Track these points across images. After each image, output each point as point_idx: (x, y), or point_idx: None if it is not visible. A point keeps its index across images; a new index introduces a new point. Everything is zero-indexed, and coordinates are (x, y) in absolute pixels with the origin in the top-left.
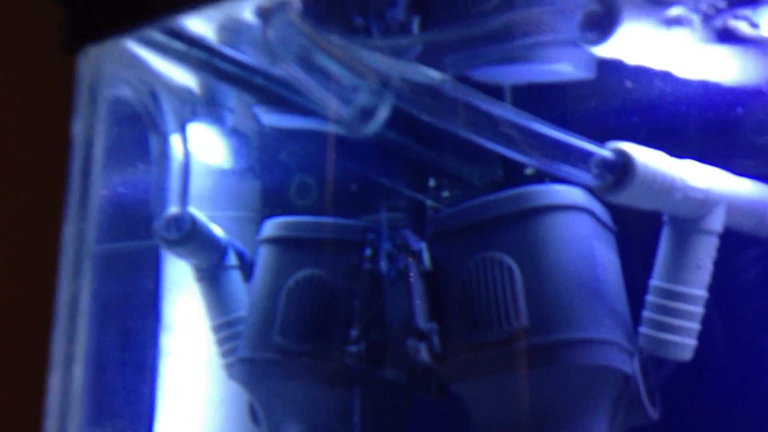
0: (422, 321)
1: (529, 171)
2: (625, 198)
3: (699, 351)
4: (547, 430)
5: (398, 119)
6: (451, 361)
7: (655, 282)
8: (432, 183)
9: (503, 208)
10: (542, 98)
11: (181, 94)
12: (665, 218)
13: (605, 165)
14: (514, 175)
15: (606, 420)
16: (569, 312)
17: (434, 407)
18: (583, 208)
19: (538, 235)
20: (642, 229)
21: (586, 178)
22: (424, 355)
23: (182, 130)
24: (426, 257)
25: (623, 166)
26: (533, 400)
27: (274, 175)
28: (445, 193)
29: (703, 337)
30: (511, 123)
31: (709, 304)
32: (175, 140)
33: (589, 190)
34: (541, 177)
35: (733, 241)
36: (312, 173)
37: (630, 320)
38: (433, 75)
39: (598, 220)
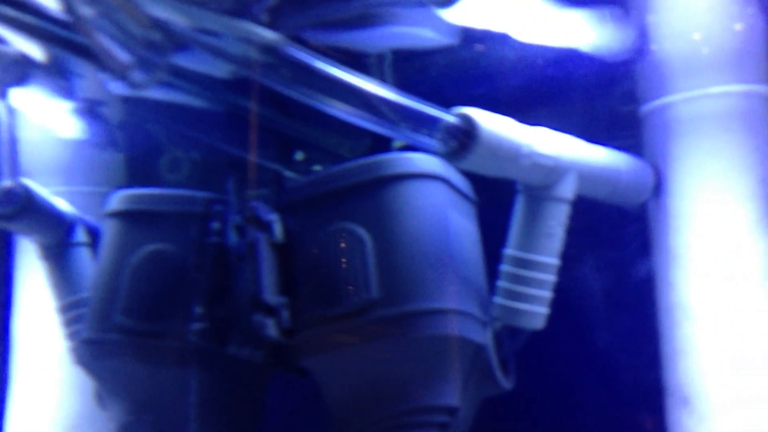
0: (271, 295)
1: (397, 143)
2: (471, 164)
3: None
4: (399, 401)
5: (262, 91)
6: (300, 336)
7: (508, 251)
8: (300, 156)
9: (355, 177)
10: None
11: (4, 57)
12: (518, 186)
13: (449, 130)
14: (384, 146)
15: (458, 389)
16: (420, 283)
17: (297, 384)
18: (437, 176)
19: (390, 205)
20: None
21: (431, 143)
22: (271, 330)
23: (4, 95)
24: (277, 229)
25: (467, 132)
26: (384, 372)
27: (140, 148)
28: (317, 167)
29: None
30: (353, 87)
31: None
32: None
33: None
34: (412, 148)
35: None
36: (180, 146)
37: (486, 290)
38: (269, 35)
39: (455, 189)
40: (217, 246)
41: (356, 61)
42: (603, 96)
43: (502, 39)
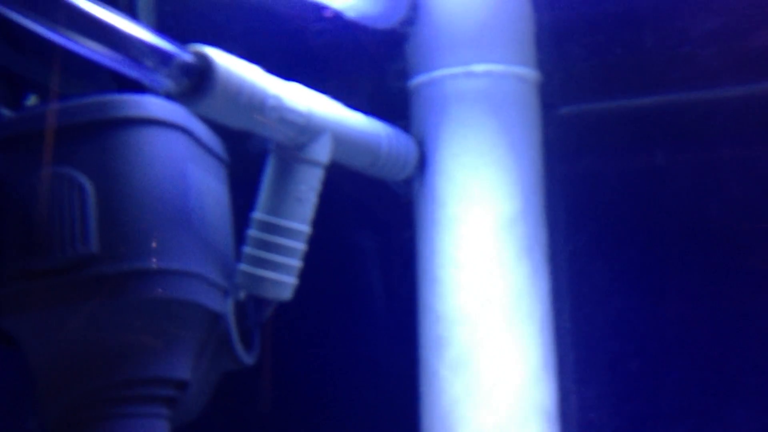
0: None
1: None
2: (208, 109)
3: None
4: (118, 371)
5: None
6: (2, 291)
7: (255, 214)
8: (33, 100)
9: (78, 116)
10: None
11: None
12: (269, 145)
13: (182, 68)
14: (132, 89)
15: (188, 361)
16: (146, 239)
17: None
18: (175, 125)
19: (117, 151)
20: None
21: (163, 81)
22: None
23: None
24: None
25: (202, 71)
26: (101, 337)
27: None
28: None
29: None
30: (64, 4)
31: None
32: None
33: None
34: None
35: None
36: None
37: (231, 256)
38: None
39: (198, 142)
40: None
41: None
42: (374, 69)
43: None
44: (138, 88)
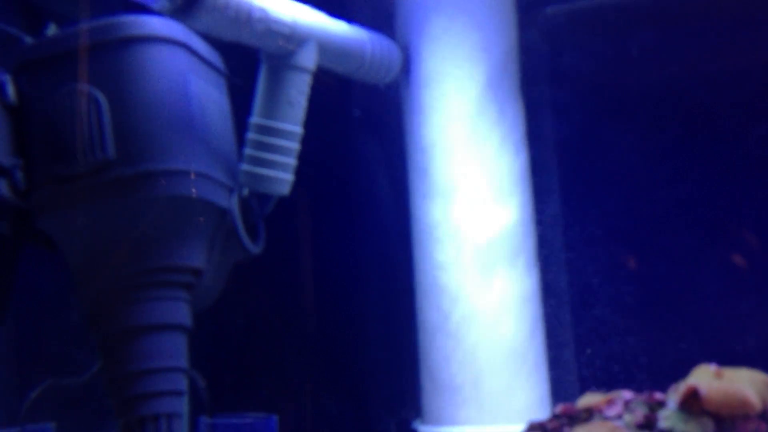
0: (4, 156)
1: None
2: (198, 23)
3: None
4: (141, 260)
5: None
6: (36, 195)
7: (253, 119)
8: (52, 28)
9: (90, 37)
10: None
11: None
12: (260, 56)
13: None
14: (137, 11)
15: (202, 251)
16: (157, 144)
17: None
18: (175, 41)
19: (125, 67)
20: None
21: (161, 1)
22: (4, 190)
23: None
24: (10, 89)
25: None
26: (124, 231)
27: None
28: None
29: None
30: None
31: None
32: None
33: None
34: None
35: None
36: None
37: (234, 158)
38: None
39: (197, 56)
40: None
41: None
42: None
43: None
44: (143, 9)
